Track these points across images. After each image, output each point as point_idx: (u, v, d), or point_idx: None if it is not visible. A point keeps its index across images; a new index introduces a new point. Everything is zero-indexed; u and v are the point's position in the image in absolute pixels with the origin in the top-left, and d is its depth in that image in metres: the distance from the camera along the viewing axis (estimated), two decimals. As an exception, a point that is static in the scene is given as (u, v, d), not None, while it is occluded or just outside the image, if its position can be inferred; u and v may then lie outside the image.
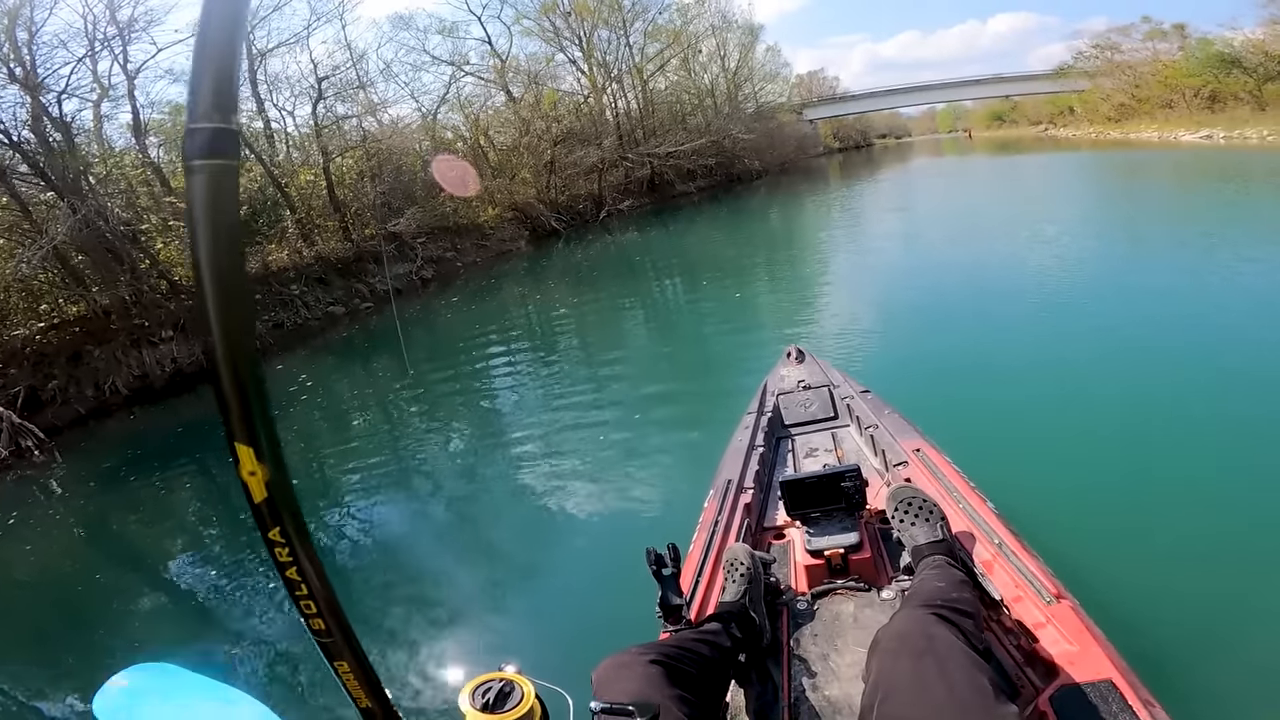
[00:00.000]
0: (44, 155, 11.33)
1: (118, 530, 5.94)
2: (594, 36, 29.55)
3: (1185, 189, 13.68)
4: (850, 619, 1.66)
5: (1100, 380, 4.42)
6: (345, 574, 4.00)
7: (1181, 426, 3.60)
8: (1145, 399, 4.00)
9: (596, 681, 1.20)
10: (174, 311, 11.40)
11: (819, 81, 58.16)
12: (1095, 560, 2.42)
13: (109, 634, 3.94)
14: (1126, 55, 35.69)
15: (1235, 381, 4.03)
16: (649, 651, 1.24)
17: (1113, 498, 3.03)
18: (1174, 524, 2.78)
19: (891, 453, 2.33)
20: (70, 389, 10.36)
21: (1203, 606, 2.31)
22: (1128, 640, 1.46)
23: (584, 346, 8.62)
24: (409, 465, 5.79)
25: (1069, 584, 1.57)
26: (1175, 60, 32.14)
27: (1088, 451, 3.48)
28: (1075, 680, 1.24)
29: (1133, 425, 3.70)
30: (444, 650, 3.04)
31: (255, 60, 17.23)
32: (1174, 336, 4.99)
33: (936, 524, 1.66)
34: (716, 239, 16.52)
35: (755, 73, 42.23)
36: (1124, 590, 2.27)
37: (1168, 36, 34.46)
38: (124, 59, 13.95)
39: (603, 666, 1.23)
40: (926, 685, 1.04)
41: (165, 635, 3.83)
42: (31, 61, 11.78)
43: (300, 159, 17.58)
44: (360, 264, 15.57)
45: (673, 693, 1.16)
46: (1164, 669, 1.75)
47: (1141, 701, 1.18)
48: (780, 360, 3.32)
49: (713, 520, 2.09)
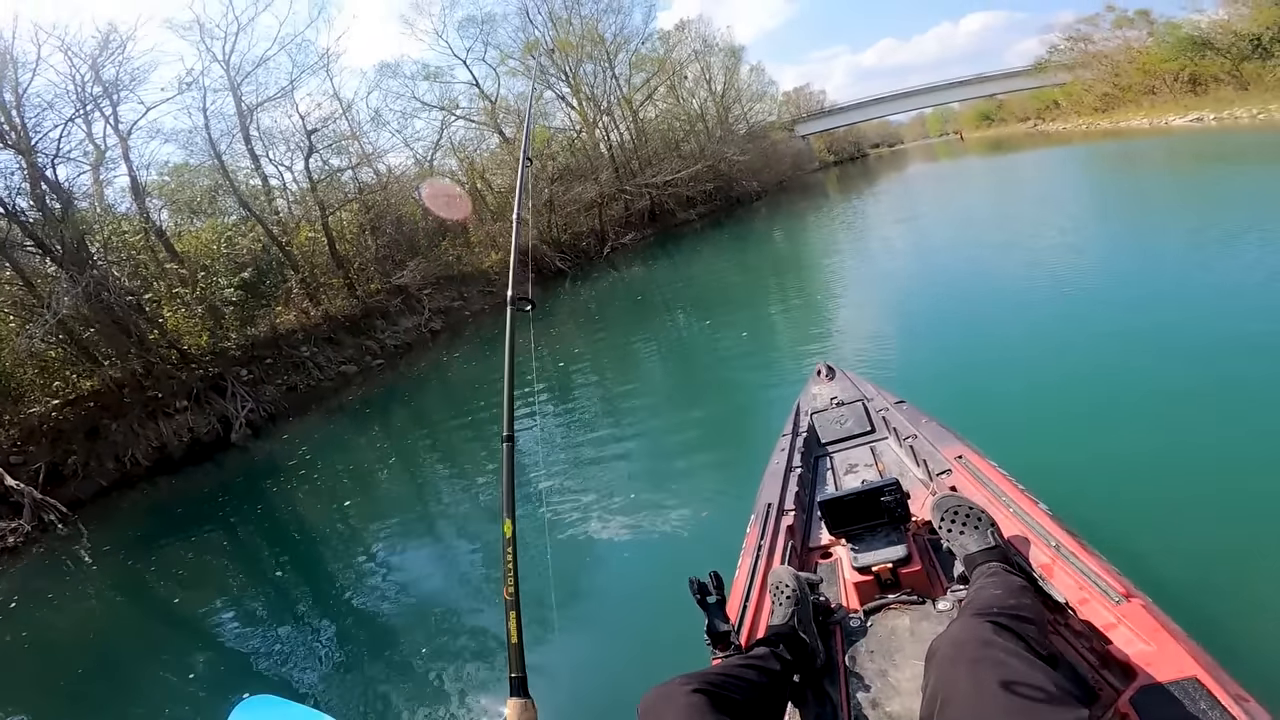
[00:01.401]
0: (42, 224, 11.30)
1: (156, 591, 6.02)
2: (580, 71, 29.81)
3: (1195, 175, 13.44)
4: (907, 632, 1.63)
5: (1145, 366, 4.27)
6: (391, 616, 4.17)
7: (1241, 408, 3.42)
8: (1198, 381, 3.82)
9: (641, 713, 1.19)
10: (186, 382, 11.31)
11: (806, 96, 58.74)
12: (1165, 556, 2.36)
13: (178, 684, 4.13)
14: (1099, 45, 36.01)
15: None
16: (692, 681, 1.23)
17: (1175, 490, 2.88)
18: (1243, 510, 2.64)
19: (933, 462, 2.27)
20: (91, 463, 10.40)
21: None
22: (1210, 636, 1.39)
23: (602, 385, 8.46)
24: (440, 512, 5.85)
25: (1138, 582, 1.50)
26: (1148, 46, 32.30)
27: (1141, 443, 3.33)
28: (1156, 680, 1.19)
29: (1189, 410, 3.52)
30: (489, 683, 3.11)
31: (246, 117, 17.30)
32: (1222, 321, 4.71)
33: (987, 530, 1.61)
34: (724, 265, 16.36)
35: (743, 93, 42.79)
36: (1200, 585, 2.20)
37: (1134, 23, 34.70)
38: (114, 120, 13.99)
39: (646, 698, 1.22)
40: (985, 691, 1.01)
41: (241, 674, 3.99)
42: (22, 124, 11.78)
43: (301, 215, 17.58)
44: (369, 320, 15.51)
45: None
46: (1254, 662, 1.69)
47: (1232, 697, 1.11)
48: (811, 378, 3.28)
49: (755, 545, 2.08)
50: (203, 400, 11.43)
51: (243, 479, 8.88)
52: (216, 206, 16.95)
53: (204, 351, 11.96)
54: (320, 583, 5.12)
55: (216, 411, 11.37)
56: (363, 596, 4.63)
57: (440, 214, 18.77)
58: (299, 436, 10.48)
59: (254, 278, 14.73)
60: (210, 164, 16.57)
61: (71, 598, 6.30)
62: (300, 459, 9.23)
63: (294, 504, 7.27)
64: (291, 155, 18.43)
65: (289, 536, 6.45)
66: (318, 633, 4.32)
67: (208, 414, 11.36)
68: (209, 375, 11.58)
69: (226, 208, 16.81)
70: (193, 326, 12.31)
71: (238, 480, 8.98)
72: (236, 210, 16.42)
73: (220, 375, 11.72)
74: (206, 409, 11.41)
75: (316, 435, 10.36)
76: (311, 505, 7.06)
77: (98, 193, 14.67)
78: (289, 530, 6.65)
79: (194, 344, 12.06)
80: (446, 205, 18.69)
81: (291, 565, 5.67)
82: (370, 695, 3.38)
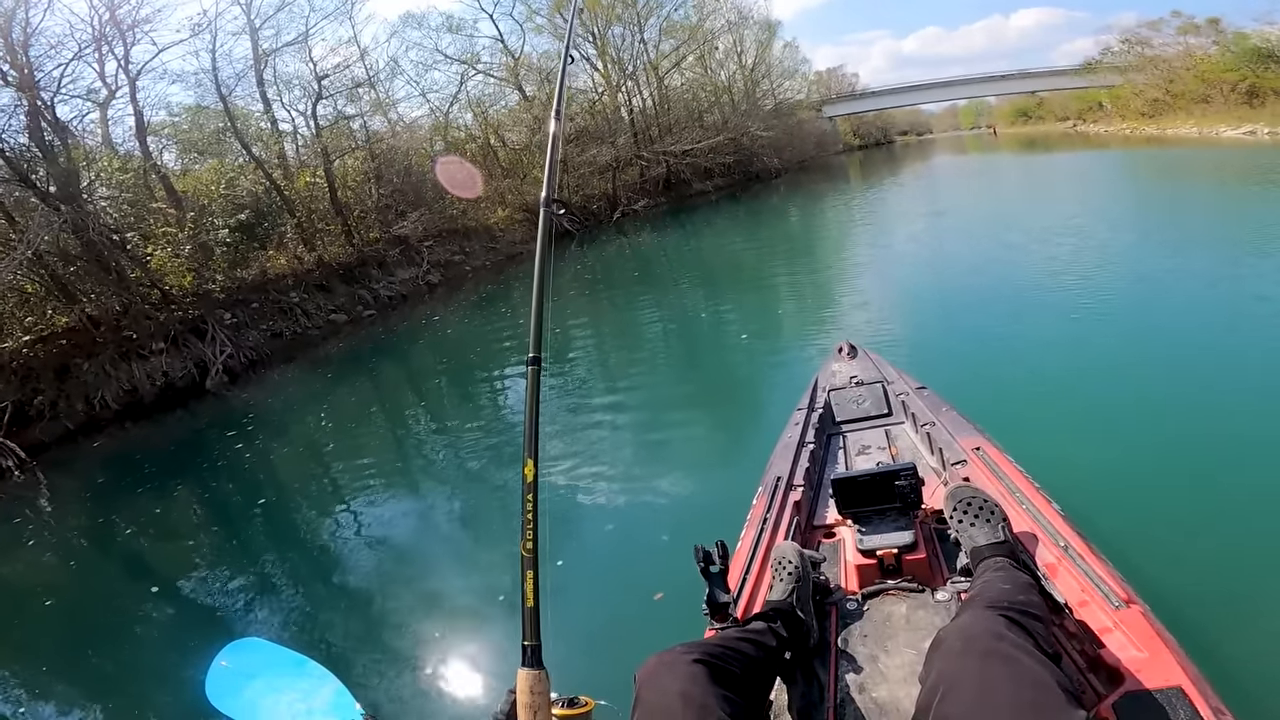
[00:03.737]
0: (33, 160, 10.88)
1: (126, 542, 5.69)
2: (608, 33, 28.92)
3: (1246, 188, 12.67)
4: (902, 620, 1.61)
5: (1172, 379, 4.26)
6: (372, 570, 4.09)
7: (1257, 427, 3.38)
8: (1219, 397, 3.80)
9: (640, 680, 1.18)
10: (164, 323, 10.84)
11: (838, 78, 57.34)
12: (1169, 565, 2.36)
13: (158, 634, 4.01)
14: (1158, 50, 34.80)
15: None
16: (693, 650, 1.21)
17: (1187, 500, 2.88)
18: (1251, 528, 2.63)
19: (949, 451, 2.23)
20: (60, 403, 9.95)
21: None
22: (1202, 647, 1.40)
23: (612, 350, 8.20)
24: (423, 467, 5.70)
25: (1140, 589, 1.48)
26: (1211, 54, 31.24)
27: (1160, 452, 3.33)
28: (1142, 687, 1.19)
29: (1212, 423, 3.51)
30: (491, 648, 3.01)
31: (261, 61, 16.71)
32: (1251, 334, 4.69)
33: (998, 525, 1.58)
34: (737, 239, 15.95)
35: (773, 69, 41.61)
36: (1198, 596, 2.20)
37: (1200, 31, 33.64)
38: (125, 61, 13.49)
39: (646, 665, 1.20)
40: (991, 686, 0.98)
41: (218, 624, 3.87)
42: (27, 62, 11.34)
43: (305, 159, 17.03)
44: (364, 269, 15.01)
45: (716, 691, 1.12)
46: (1238, 677, 1.70)
47: (1212, 709, 1.11)
48: (831, 355, 3.23)
49: (761, 517, 2.05)
50: (180, 343, 10.96)
51: (216, 427, 8.46)
52: (223, 148, 16.44)
53: (186, 293, 11.47)
54: (296, 536, 4.98)
55: (194, 355, 10.91)
56: (342, 550, 4.51)
57: (456, 193, 18.19)
58: (279, 385, 10.10)
59: (251, 219, 14.24)
60: (216, 106, 16.08)
61: (37, 548, 5.94)
62: (278, 408, 8.93)
63: (269, 455, 6.95)
64: (305, 100, 17.87)
65: (263, 488, 6.13)
66: (296, 584, 4.24)
67: (184, 357, 10.90)
68: (189, 318, 11.10)
69: (234, 149, 16.32)
70: (178, 266, 11.80)
71: (210, 428, 8.56)
72: (241, 152, 15.94)
73: (201, 318, 11.25)
74: (184, 352, 10.96)
75: (297, 384, 9.98)
76: (287, 456, 6.77)
77: (104, 132, 14.23)
78: (262, 481, 6.31)
79: (177, 284, 11.57)
80: (460, 183, 18.08)
81: (265, 517, 5.42)
82: (353, 646, 3.29)
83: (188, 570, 4.72)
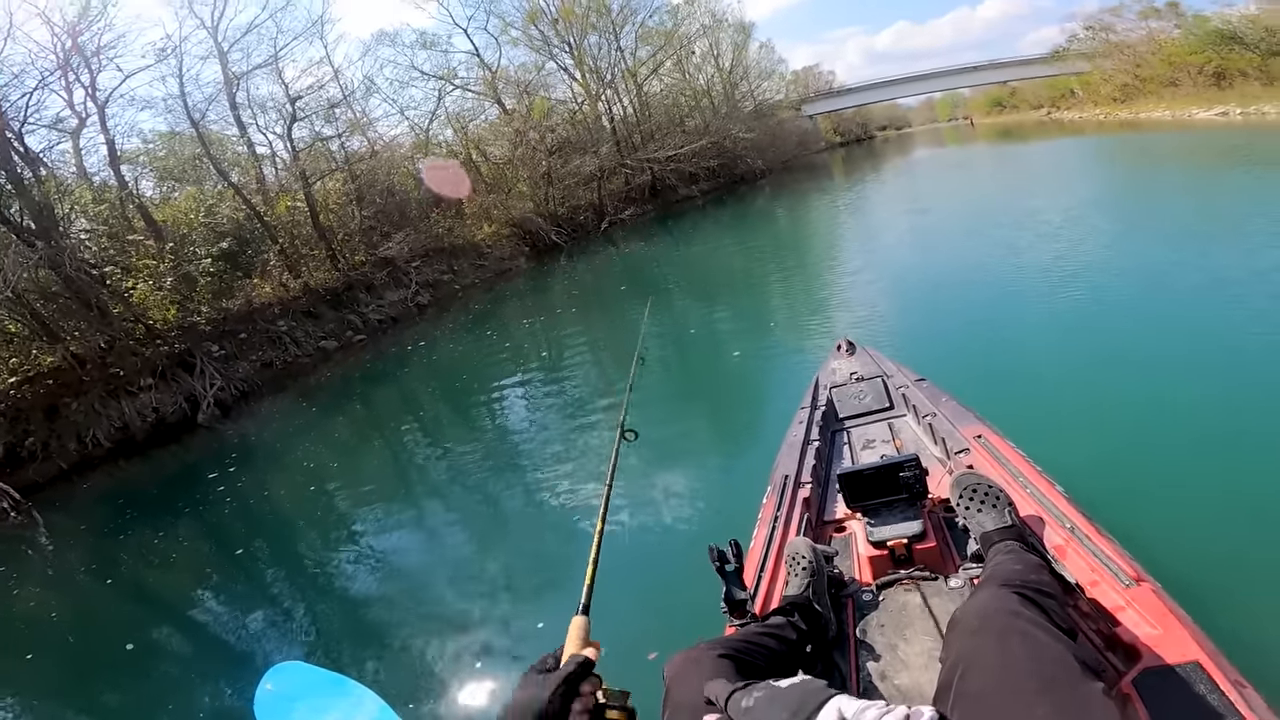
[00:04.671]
0: (6, 194, 10.65)
1: (131, 578, 5.70)
2: (584, 43, 28.80)
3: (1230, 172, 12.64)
4: (918, 608, 1.62)
5: (1166, 354, 4.26)
6: (403, 598, 4.00)
7: (1257, 400, 3.38)
8: (1216, 374, 3.80)
9: (669, 677, 1.19)
10: (150, 358, 10.61)
11: (815, 76, 57.55)
12: (1177, 542, 2.34)
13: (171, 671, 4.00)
14: (1121, 35, 35.23)
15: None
16: (717, 646, 1.23)
17: (1191, 476, 2.88)
18: (1257, 500, 2.63)
19: (952, 440, 2.26)
20: (51, 444, 9.79)
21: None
22: (1215, 622, 1.39)
23: (608, 362, 8.04)
24: (435, 495, 5.59)
25: (1149, 567, 1.50)
26: (1175, 38, 31.56)
27: (1158, 431, 3.34)
28: (1159, 663, 1.19)
29: (1205, 397, 3.53)
30: (511, 655, 3.06)
31: (233, 84, 16.48)
32: (1256, 316, 4.54)
33: (1004, 509, 1.58)
34: (727, 242, 15.90)
35: (751, 71, 41.70)
36: (1209, 572, 2.18)
37: (1161, 15, 34.05)
38: (92, 88, 13.26)
39: (673, 662, 1.22)
40: (1010, 662, 0.99)
41: (255, 646, 3.95)
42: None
43: (283, 183, 16.81)
44: (351, 293, 14.80)
45: (742, 685, 1.08)
46: (1256, 650, 1.67)
47: (1231, 682, 1.11)
48: (831, 354, 3.26)
49: (772, 516, 2.07)
50: (169, 378, 10.75)
51: (211, 461, 8.28)
52: (201, 174, 16.19)
53: (171, 326, 11.23)
54: (303, 562, 4.98)
55: (184, 390, 10.70)
56: (351, 572, 4.51)
57: (441, 192, 18.01)
58: (272, 416, 9.94)
59: (234, 247, 14.01)
60: (190, 132, 15.85)
61: (44, 587, 5.90)
62: (272, 439, 8.78)
63: (266, 486, 6.86)
64: (281, 123, 17.61)
65: (263, 518, 6.08)
66: (313, 608, 4.24)
67: (174, 392, 10.69)
68: (175, 352, 10.87)
69: (212, 175, 16.09)
70: (161, 300, 11.55)
71: (204, 462, 8.37)
72: (219, 179, 15.72)
73: (189, 351, 11.02)
74: (173, 387, 10.74)
75: (290, 414, 9.81)
76: (285, 486, 6.69)
77: (78, 163, 13.95)
78: (262, 512, 6.24)
79: (161, 318, 11.33)
80: (448, 184, 17.93)
81: (269, 546, 5.44)
82: (383, 664, 3.32)
83: (203, 601, 4.70)
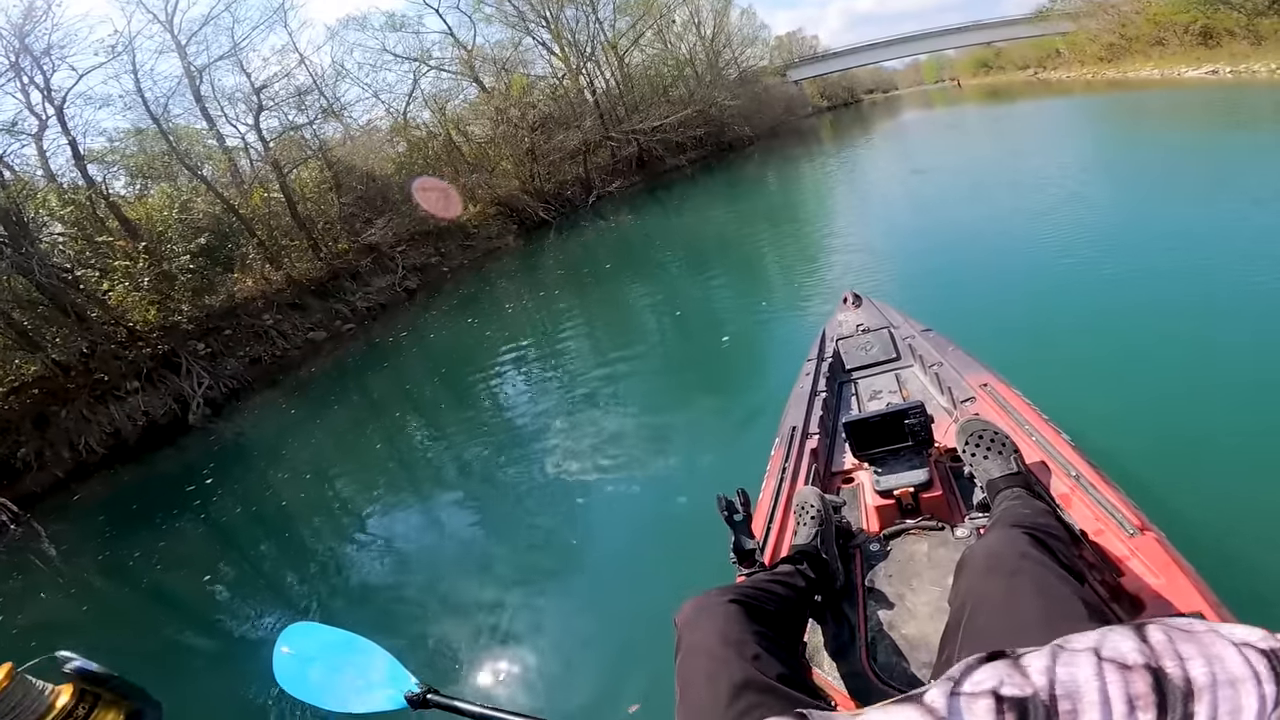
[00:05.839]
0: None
1: (142, 579, 5.53)
2: (561, 16, 28.12)
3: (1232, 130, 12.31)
4: (925, 558, 1.62)
5: (1171, 302, 4.20)
6: (406, 572, 4.06)
7: (1265, 348, 3.35)
8: (1220, 322, 3.73)
9: (680, 624, 1.19)
10: (134, 361, 10.30)
11: (799, 41, 56.94)
12: (1181, 491, 2.36)
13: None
14: (1104, -6, 34.56)
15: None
16: (727, 592, 1.24)
17: (1197, 425, 2.86)
18: (1262, 450, 2.58)
19: (958, 389, 2.27)
20: (46, 453, 9.58)
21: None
22: (1218, 573, 1.37)
23: (609, 334, 8.00)
24: (435, 478, 5.56)
25: (1153, 516, 1.48)
26: (1159, -2, 31.09)
27: (1166, 378, 3.33)
28: (1162, 613, 1.17)
29: (1213, 346, 3.49)
30: (538, 615, 3.08)
31: (196, 77, 15.98)
32: (1255, 255, 4.52)
33: (1010, 456, 1.54)
34: (719, 210, 15.69)
35: (733, 38, 40.90)
36: (1212, 522, 2.19)
37: (1146, -26, 33.26)
38: (47, 89, 12.82)
39: (684, 609, 1.22)
40: (1018, 602, 0.98)
41: (269, 621, 4.05)
42: None
43: (257, 175, 16.36)
44: (336, 282, 14.44)
45: (753, 628, 1.15)
46: (1257, 602, 1.69)
47: None
48: (837, 306, 3.29)
49: (780, 467, 2.08)
50: (155, 379, 10.45)
51: (205, 460, 8.11)
52: (174, 170, 15.75)
53: (152, 327, 10.90)
54: (304, 547, 5.05)
55: (172, 390, 10.40)
56: (355, 551, 4.60)
57: (435, 213, 17.67)
58: (264, 411, 9.72)
59: (213, 242, 13.61)
60: (153, 129, 15.41)
61: (55, 593, 5.85)
62: (266, 434, 8.65)
63: (265, 478, 6.78)
64: (250, 114, 17.13)
65: (264, 510, 5.99)
66: (316, 586, 4.31)
67: (162, 394, 10.40)
68: (159, 353, 10.56)
69: (183, 171, 15.67)
70: (140, 300, 11.20)
71: (199, 461, 8.19)
72: (189, 174, 15.33)
73: (173, 351, 10.71)
74: (161, 388, 10.45)
75: (283, 408, 9.60)
76: (283, 477, 6.59)
77: (44, 164, 13.53)
78: (263, 505, 6.13)
79: (141, 319, 10.99)
80: (439, 204, 17.60)
81: (271, 538, 5.46)
82: (389, 633, 3.27)
83: (215, 590, 4.74)
